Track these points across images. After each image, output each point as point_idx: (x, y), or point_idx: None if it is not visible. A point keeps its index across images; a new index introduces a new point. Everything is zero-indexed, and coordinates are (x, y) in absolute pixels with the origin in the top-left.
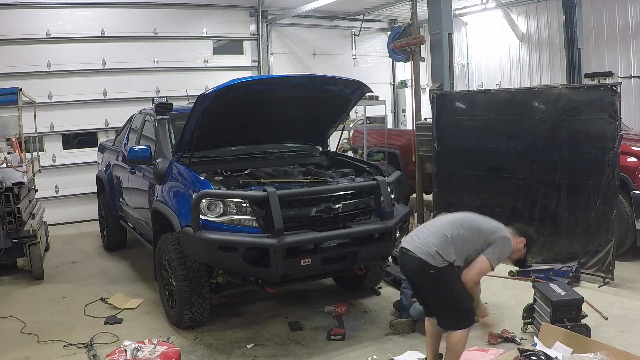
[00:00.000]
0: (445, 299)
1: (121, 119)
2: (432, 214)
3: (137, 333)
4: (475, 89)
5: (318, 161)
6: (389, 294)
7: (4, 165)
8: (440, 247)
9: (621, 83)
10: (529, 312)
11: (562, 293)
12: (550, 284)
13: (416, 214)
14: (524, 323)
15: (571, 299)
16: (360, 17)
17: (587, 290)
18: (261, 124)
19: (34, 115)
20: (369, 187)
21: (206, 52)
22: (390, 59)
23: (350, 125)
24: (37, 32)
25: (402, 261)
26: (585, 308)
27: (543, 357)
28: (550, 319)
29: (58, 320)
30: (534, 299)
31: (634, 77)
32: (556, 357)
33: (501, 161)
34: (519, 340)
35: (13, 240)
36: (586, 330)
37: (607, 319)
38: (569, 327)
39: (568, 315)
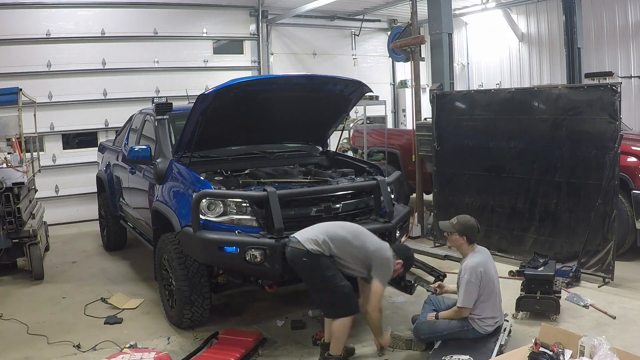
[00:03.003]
0: (321, 286)
1: (121, 119)
2: (432, 213)
3: (137, 333)
4: (475, 89)
5: (318, 161)
6: (389, 294)
7: (4, 165)
8: (318, 237)
9: (621, 83)
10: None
11: (539, 269)
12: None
13: (416, 214)
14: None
15: (543, 274)
16: (360, 17)
17: (587, 290)
18: (261, 124)
19: (34, 115)
20: (369, 187)
21: (206, 52)
22: (390, 59)
23: (350, 125)
24: (37, 32)
25: (287, 252)
26: (587, 309)
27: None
28: (525, 291)
29: (58, 320)
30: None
31: (634, 77)
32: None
33: (501, 161)
34: None
35: (13, 240)
36: (555, 304)
37: (614, 317)
38: (538, 297)
39: (541, 288)
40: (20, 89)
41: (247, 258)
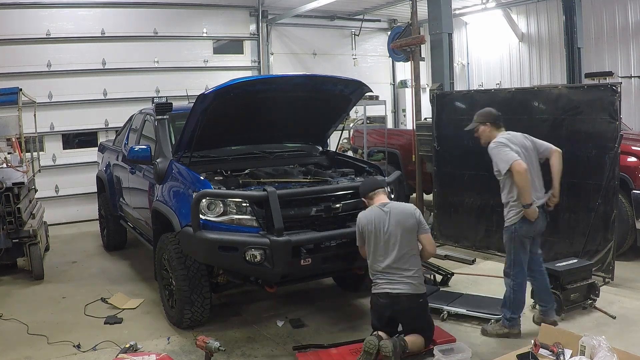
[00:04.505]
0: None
1: (121, 119)
2: (432, 213)
3: (138, 333)
4: (475, 88)
5: (318, 161)
6: None
7: (4, 165)
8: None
9: (621, 83)
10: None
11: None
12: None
13: None
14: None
15: (550, 269)
16: (360, 17)
17: None
18: (261, 124)
19: (34, 115)
20: None
21: (206, 52)
22: (390, 58)
23: (350, 125)
24: (37, 32)
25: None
26: (587, 309)
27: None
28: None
29: (58, 320)
30: None
31: (634, 77)
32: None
33: None
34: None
35: (13, 240)
36: (559, 300)
37: (614, 317)
38: None
39: (552, 284)
40: (20, 89)
41: (247, 258)
